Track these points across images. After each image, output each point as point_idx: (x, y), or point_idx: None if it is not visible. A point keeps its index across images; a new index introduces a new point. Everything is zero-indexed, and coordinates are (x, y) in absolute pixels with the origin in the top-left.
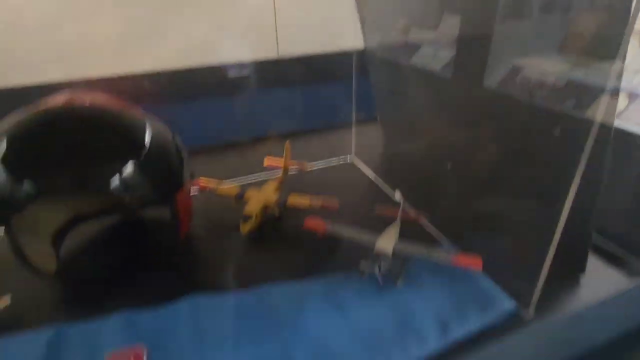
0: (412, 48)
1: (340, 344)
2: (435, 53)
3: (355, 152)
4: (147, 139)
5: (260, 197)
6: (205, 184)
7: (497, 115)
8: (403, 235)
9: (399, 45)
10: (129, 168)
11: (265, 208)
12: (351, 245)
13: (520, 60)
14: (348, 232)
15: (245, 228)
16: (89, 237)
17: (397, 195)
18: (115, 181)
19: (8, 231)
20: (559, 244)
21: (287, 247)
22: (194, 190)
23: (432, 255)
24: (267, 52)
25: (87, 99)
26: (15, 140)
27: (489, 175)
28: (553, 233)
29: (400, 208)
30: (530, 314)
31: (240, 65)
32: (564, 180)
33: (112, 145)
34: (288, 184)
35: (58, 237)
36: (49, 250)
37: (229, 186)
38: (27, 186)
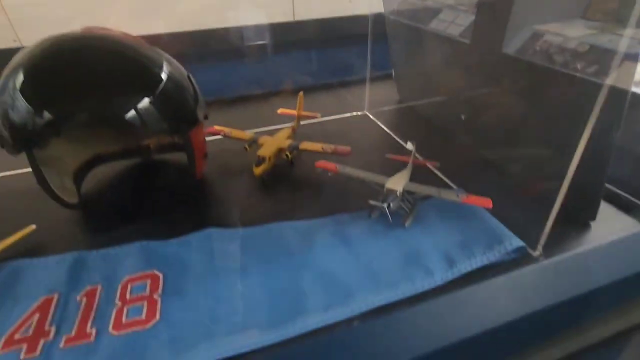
0: (432, 12)
1: (346, 274)
2: (455, 18)
3: (368, 107)
4: (164, 73)
5: (274, 142)
6: (219, 129)
7: (515, 79)
8: (413, 180)
9: (419, 9)
10: (146, 100)
11: (278, 152)
12: (361, 188)
13: (542, 26)
14: (359, 173)
15: (259, 170)
16: (110, 175)
17: (409, 145)
18: (132, 112)
19: (32, 162)
20: (570, 192)
21: (298, 190)
22: (208, 136)
23: (442, 194)
24: (284, 16)
25: (106, 32)
26: (35, 70)
27: (503, 126)
28: (562, 179)
29: (412, 154)
30: (538, 252)
31: (257, 28)
32: (575, 134)
33: (130, 76)
34: (301, 135)
35: (79, 174)
36: (71, 185)
37: (243, 131)
38: (45, 116)
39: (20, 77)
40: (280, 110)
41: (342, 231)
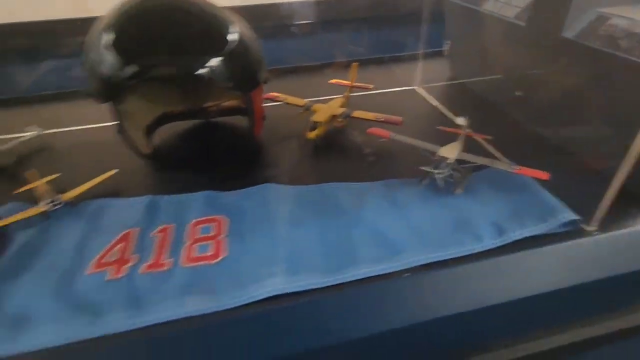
0: None
1: (396, 233)
2: None
3: (419, 83)
4: (236, 33)
5: (327, 109)
6: (276, 95)
7: (575, 63)
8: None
9: None
10: (218, 57)
11: (331, 118)
12: (410, 157)
13: (608, 8)
14: (411, 140)
15: (312, 134)
16: (176, 132)
17: (460, 120)
18: (205, 67)
19: (115, 112)
20: (633, 170)
21: (348, 155)
22: (265, 102)
23: (495, 164)
24: None
25: None
26: (122, 27)
27: (561, 104)
28: (624, 158)
29: (464, 127)
30: (593, 227)
31: (311, 4)
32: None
33: (206, 34)
34: (352, 105)
35: (150, 129)
36: (144, 138)
37: (298, 98)
38: (131, 67)
39: (109, 34)
40: (332, 81)
41: (392, 195)
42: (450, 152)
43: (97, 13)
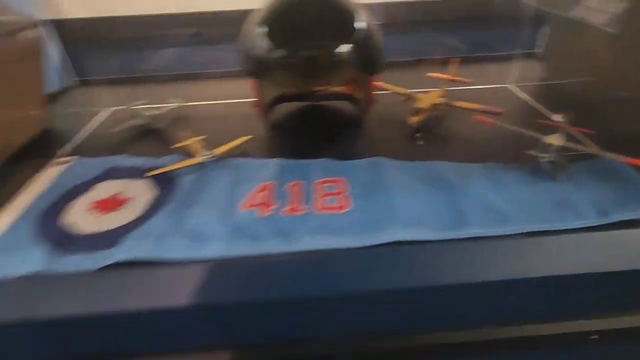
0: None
1: (501, 204)
2: (601, 5)
3: (514, 80)
4: (364, 23)
5: (428, 98)
6: (381, 84)
7: None
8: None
9: None
10: (348, 44)
11: (432, 106)
12: (509, 146)
13: None
14: (515, 128)
15: (415, 120)
16: (293, 111)
17: (558, 116)
18: (337, 52)
19: (257, 89)
20: None
21: (447, 141)
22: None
23: (601, 153)
24: None
25: None
26: (273, 17)
27: None
28: None
29: (565, 122)
30: None
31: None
32: None
33: (341, 24)
34: (450, 98)
35: (270, 106)
36: (270, 112)
37: (401, 88)
38: (277, 52)
39: (262, 23)
40: (431, 74)
41: (495, 174)
42: (555, 139)
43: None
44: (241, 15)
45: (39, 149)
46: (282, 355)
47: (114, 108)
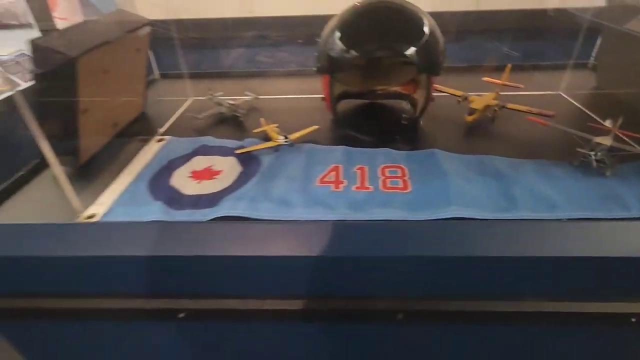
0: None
1: (550, 193)
2: None
3: (566, 88)
4: (428, 28)
5: (482, 100)
6: (438, 86)
7: None
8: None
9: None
10: (413, 48)
11: (486, 107)
12: (557, 146)
13: None
14: (568, 129)
15: (470, 118)
16: (357, 106)
17: (608, 123)
18: (404, 54)
19: (330, 84)
20: None
21: (498, 139)
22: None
23: None
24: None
25: None
26: (347, 23)
27: None
28: None
29: (616, 126)
30: None
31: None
32: None
33: (408, 28)
34: (503, 101)
35: (336, 101)
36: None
37: (456, 90)
38: (351, 52)
39: (339, 29)
40: (485, 78)
41: (545, 169)
42: (604, 140)
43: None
44: (301, 21)
45: (140, 128)
46: (350, 307)
47: (194, 98)
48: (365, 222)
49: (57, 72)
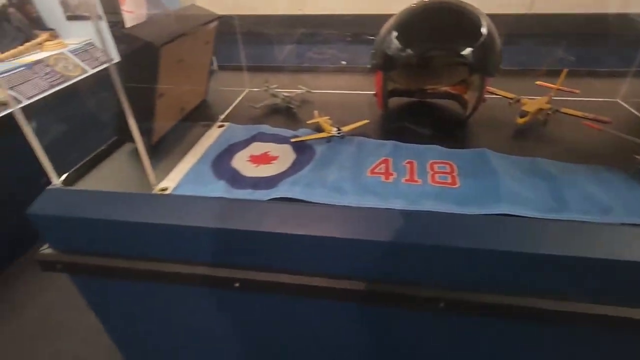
0: None
1: (602, 197)
2: None
3: (625, 96)
4: (485, 29)
5: (535, 103)
6: (490, 88)
7: None
8: None
9: None
10: (469, 48)
11: (538, 111)
12: (619, 150)
13: None
14: (624, 135)
15: (522, 121)
16: (405, 104)
17: None
18: (460, 54)
19: (382, 82)
20: None
21: (549, 142)
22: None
23: None
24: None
25: None
26: (404, 23)
27: None
28: None
29: None
30: None
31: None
32: None
33: (465, 28)
34: (557, 106)
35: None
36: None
37: (508, 92)
38: (407, 51)
39: (396, 28)
40: (539, 82)
41: (598, 174)
42: None
43: None
44: (351, 19)
45: (202, 114)
46: (393, 291)
47: (249, 89)
48: (415, 211)
49: (143, 59)
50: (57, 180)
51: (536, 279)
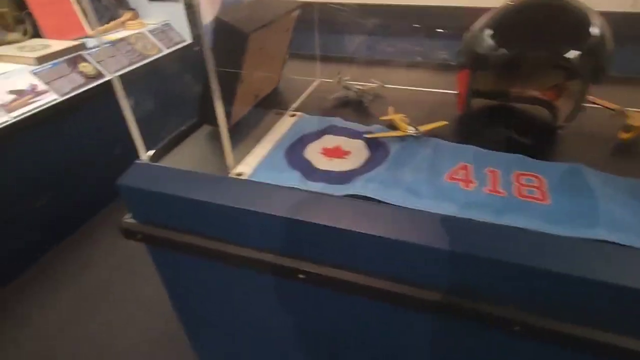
0: None
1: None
2: None
3: None
4: (597, 29)
5: None
6: (593, 98)
7: None
8: None
9: None
10: (575, 50)
11: None
12: None
13: None
14: None
15: (625, 136)
16: (488, 107)
17: None
18: (563, 57)
19: (471, 80)
20: None
21: None
22: None
23: None
24: None
25: None
26: (499, 21)
27: None
28: None
29: None
30: None
31: None
32: None
33: (568, 29)
34: None
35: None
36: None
37: (611, 103)
38: (498, 51)
39: (491, 25)
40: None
41: None
42: None
43: None
44: (425, 11)
45: (274, 102)
46: (464, 305)
47: (321, 79)
48: (500, 225)
49: (230, 44)
50: (144, 156)
51: (632, 316)
